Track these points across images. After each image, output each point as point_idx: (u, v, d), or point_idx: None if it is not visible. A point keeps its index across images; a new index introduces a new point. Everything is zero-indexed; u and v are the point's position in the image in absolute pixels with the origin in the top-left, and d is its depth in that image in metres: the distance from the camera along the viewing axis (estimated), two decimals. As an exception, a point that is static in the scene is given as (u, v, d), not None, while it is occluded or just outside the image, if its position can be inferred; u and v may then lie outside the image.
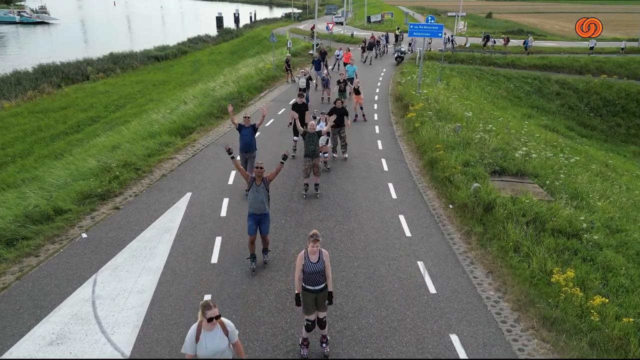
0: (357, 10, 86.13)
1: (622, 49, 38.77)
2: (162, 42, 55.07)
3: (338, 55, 29.21)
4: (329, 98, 20.56)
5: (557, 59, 36.21)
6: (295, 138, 13.79)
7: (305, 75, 19.80)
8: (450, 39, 39.20)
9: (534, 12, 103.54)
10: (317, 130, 11.10)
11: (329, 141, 13.25)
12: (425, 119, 16.71)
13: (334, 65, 29.08)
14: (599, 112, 31.16)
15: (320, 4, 69.84)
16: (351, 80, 20.56)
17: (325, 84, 20.90)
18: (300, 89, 17.93)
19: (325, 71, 23.10)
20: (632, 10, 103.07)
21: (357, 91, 18.09)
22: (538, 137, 18.22)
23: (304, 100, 13.71)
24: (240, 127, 11.06)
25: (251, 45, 49.47)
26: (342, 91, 18.36)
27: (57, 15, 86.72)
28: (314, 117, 12.98)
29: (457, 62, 34.93)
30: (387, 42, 40.99)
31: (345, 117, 13.33)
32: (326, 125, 11.90)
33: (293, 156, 13.66)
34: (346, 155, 13.87)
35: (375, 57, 35.11)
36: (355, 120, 17.79)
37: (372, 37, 37.50)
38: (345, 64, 25.69)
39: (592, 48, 38.29)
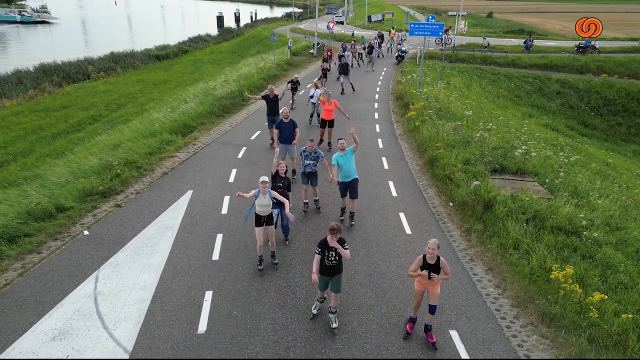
0: (358, 10, 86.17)
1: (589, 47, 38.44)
2: (162, 42, 55.16)
3: (312, 97, 16.47)
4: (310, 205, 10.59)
5: (558, 58, 36.20)
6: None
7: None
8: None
9: (534, 12, 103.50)
10: None
11: None
12: (426, 118, 16.75)
13: (312, 114, 17.15)
14: (599, 111, 31.15)
15: (320, 4, 69.94)
16: (352, 188, 9.48)
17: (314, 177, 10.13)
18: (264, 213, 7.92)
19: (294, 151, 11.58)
20: (633, 10, 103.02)
21: (437, 271, 6.25)
22: (538, 136, 18.24)
23: None
24: None
25: (252, 44, 49.51)
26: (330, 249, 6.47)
27: (57, 15, 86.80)
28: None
29: (458, 62, 34.92)
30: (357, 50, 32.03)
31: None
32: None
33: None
34: None
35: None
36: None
37: (329, 49, 29.20)
38: (325, 123, 14.06)
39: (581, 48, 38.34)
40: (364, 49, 31.65)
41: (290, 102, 19.61)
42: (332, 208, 10.60)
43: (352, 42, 34.39)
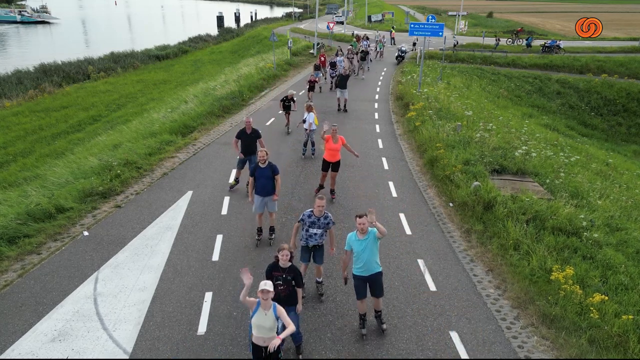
0: (358, 10, 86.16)
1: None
2: (162, 42, 55.17)
3: (304, 122, 13.45)
4: None
5: (558, 58, 36.23)
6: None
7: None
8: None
9: (534, 12, 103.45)
10: None
11: None
12: (426, 118, 16.75)
13: (305, 142, 13.86)
14: (599, 111, 31.16)
15: (320, 4, 69.91)
16: (374, 285, 6.65)
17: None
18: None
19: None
20: (633, 10, 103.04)
21: None
22: (538, 136, 18.23)
23: None
24: None
25: (252, 44, 49.51)
26: None
27: (57, 15, 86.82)
28: None
29: (458, 62, 34.95)
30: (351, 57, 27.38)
31: None
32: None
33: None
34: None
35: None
36: None
37: (323, 54, 25.33)
38: (328, 165, 10.78)
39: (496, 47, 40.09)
40: (356, 54, 28.74)
41: (285, 126, 16.31)
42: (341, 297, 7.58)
43: (350, 45, 31.50)
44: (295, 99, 16.04)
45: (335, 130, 10.65)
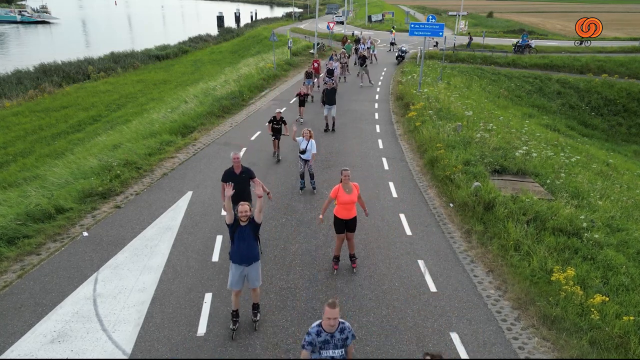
0: (358, 10, 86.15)
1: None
2: (163, 42, 55.15)
3: (304, 152, 11.11)
4: None
5: (558, 58, 36.18)
6: None
7: None
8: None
9: (535, 12, 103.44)
10: None
11: None
12: (426, 118, 16.72)
13: (302, 174, 11.48)
14: (600, 111, 31.12)
15: (321, 3, 69.96)
16: None
17: None
18: None
19: None
20: (634, 10, 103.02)
21: None
22: (539, 136, 18.21)
23: None
24: None
25: (252, 44, 49.49)
26: None
27: (58, 15, 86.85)
28: None
29: (458, 62, 34.89)
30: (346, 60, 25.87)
31: None
32: None
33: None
34: None
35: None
36: None
37: (316, 61, 22.86)
38: (343, 225, 7.91)
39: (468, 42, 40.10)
40: (348, 56, 26.98)
41: (274, 153, 13.76)
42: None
43: (342, 50, 27.96)
44: (285, 119, 13.35)
45: (347, 176, 7.90)
